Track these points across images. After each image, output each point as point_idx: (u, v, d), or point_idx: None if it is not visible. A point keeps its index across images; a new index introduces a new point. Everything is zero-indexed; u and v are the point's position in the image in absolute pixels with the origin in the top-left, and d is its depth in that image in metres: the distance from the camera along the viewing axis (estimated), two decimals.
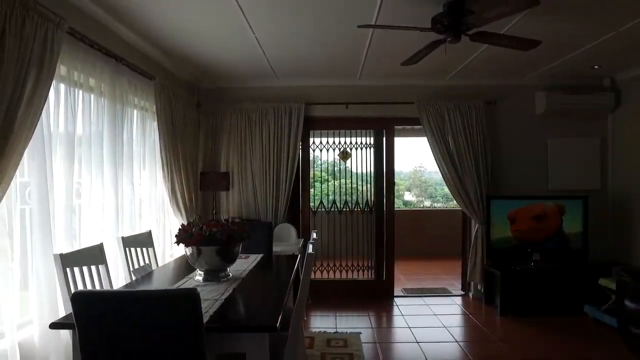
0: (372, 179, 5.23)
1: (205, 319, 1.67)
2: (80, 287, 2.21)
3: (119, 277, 2.90)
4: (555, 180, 4.87)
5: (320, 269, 5.21)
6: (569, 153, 4.86)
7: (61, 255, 2.13)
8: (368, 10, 2.85)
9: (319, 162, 5.34)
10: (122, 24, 3.05)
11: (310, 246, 2.30)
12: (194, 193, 4.46)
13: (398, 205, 9.48)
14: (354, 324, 4.08)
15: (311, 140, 5.09)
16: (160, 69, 3.89)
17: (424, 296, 5.03)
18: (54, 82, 2.28)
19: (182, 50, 3.72)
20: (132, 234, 3.05)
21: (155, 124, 3.72)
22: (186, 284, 2.42)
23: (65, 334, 2.18)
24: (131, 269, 2.83)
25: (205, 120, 4.81)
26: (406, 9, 2.80)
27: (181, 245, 2.38)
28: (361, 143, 5.19)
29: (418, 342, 3.61)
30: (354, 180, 5.30)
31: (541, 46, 2.89)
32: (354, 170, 5.29)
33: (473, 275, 4.77)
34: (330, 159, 5.26)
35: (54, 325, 1.69)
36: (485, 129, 4.68)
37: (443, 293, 5.17)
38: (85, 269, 2.34)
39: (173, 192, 3.98)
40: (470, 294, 4.95)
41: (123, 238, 2.83)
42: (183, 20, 3.06)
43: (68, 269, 2.17)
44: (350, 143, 5.20)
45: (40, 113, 2.15)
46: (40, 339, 2.22)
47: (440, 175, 4.90)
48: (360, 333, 3.79)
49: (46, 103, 2.20)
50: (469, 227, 4.96)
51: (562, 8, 2.82)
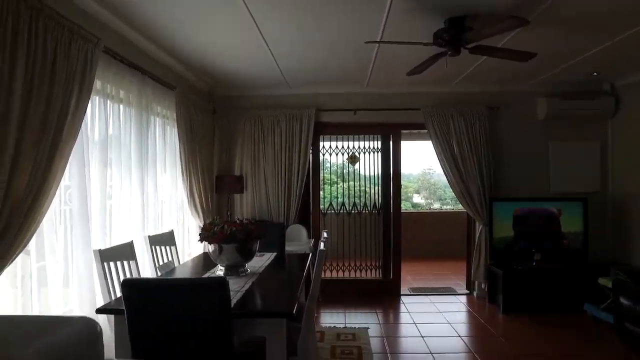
0: (380, 181, 5.44)
1: None
2: (115, 280, 2.46)
3: (145, 273, 3.14)
4: (557, 182, 5.04)
5: (329, 268, 5.43)
6: (570, 156, 5.02)
7: (100, 251, 2.38)
8: (374, 27, 3.07)
9: (329, 166, 5.57)
10: (149, 41, 3.33)
11: (322, 244, 2.53)
12: (210, 195, 4.71)
13: (407, 207, 9.70)
14: (362, 320, 4.29)
15: (321, 144, 5.33)
16: (180, 79, 4.15)
17: (429, 295, 5.22)
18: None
19: (202, 62, 3.99)
20: (157, 233, 3.30)
21: (175, 130, 3.98)
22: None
23: (104, 322, 2.43)
24: (156, 265, 3.08)
25: (220, 126, 5.07)
26: (410, 24, 3.02)
27: (198, 244, 2.63)
28: (369, 147, 5.41)
29: (423, 337, 3.81)
30: (362, 183, 5.52)
31: (540, 55, 3.10)
32: (362, 173, 5.51)
33: (477, 275, 4.96)
34: (340, 163, 5.49)
35: (100, 311, 1.94)
36: (488, 134, 4.87)
37: (448, 292, 5.36)
38: (118, 263, 2.59)
39: (191, 195, 4.23)
40: (475, 293, 5.14)
41: (149, 237, 3.09)
42: (205, 37, 3.32)
43: (105, 264, 2.42)
44: (359, 147, 5.43)
45: (81, 122, 2.41)
46: None
47: None
48: (368, 328, 4.01)
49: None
50: (473, 229, 5.15)
51: (556, 22, 3.01)
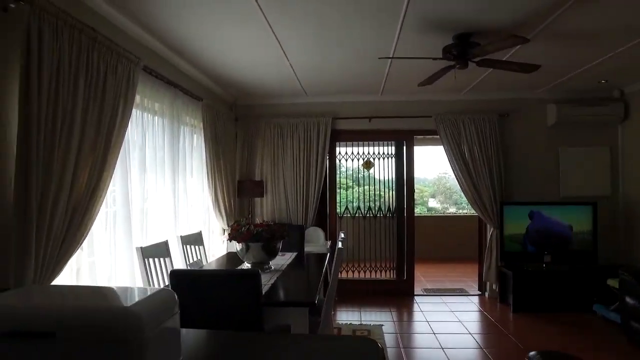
0: (394, 186, 5.66)
1: None
2: (154, 275, 2.75)
3: None
4: (567, 187, 5.19)
5: (345, 269, 5.66)
6: (580, 161, 5.17)
7: (141, 248, 2.67)
8: (388, 43, 3.32)
9: (345, 171, 5.81)
10: (181, 58, 3.64)
11: (340, 242, 2.77)
12: (233, 199, 5.00)
13: (422, 211, 9.86)
14: (377, 318, 4.51)
15: (337, 150, 5.58)
16: (206, 91, 4.46)
17: (442, 295, 5.40)
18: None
19: (226, 75, 4.29)
20: (187, 234, 3.59)
21: (201, 138, 4.28)
22: None
23: None
24: (187, 262, 3.36)
25: (242, 134, 5.36)
26: (420, 40, 3.25)
27: (221, 246, 2.89)
28: (383, 153, 5.64)
29: (435, 333, 4.01)
30: (377, 187, 5.74)
31: (546, 66, 3.30)
32: (376, 178, 5.74)
33: (488, 276, 5.13)
34: (355, 168, 5.72)
35: None
36: (498, 140, 5.05)
37: (461, 293, 5.54)
38: (156, 260, 2.88)
39: (216, 198, 4.52)
40: (486, 294, 5.30)
41: (181, 237, 3.37)
42: (231, 54, 3.62)
43: (145, 259, 2.70)
44: (373, 153, 5.66)
45: (125, 132, 2.70)
46: None
47: None
48: (382, 325, 4.23)
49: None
50: (484, 231, 5.32)
51: (558, 37, 3.22)
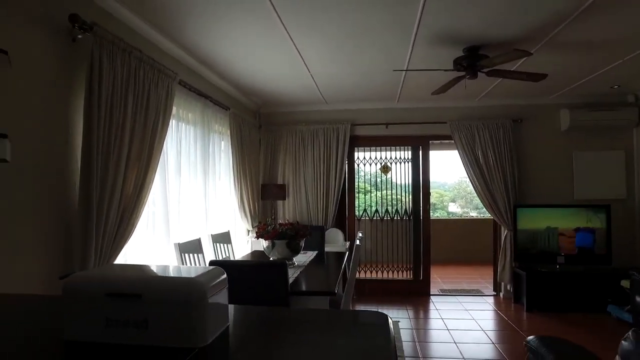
0: (410, 189, 5.87)
1: None
2: None
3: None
4: (581, 190, 5.31)
5: (364, 269, 5.89)
6: (594, 165, 5.28)
7: (179, 244, 2.98)
8: (402, 55, 3.58)
9: (363, 175, 6.05)
10: (211, 72, 3.98)
11: (358, 240, 3.02)
12: (257, 202, 5.30)
13: (442, 215, 10.01)
14: (394, 315, 4.72)
15: (356, 155, 5.84)
16: (233, 101, 4.79)
17: (458, 295, 5.58)
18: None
19: (252, 86, 4.61)
20: (217, 233, 3.89)
21: (228, 144, 4.60)
22: None
23: None
24: (217, 259, 3.66)
25: (266, 140, 5.67)
26: (433, 52, 3.49)
27: (246, 245, 3.16)
28: (400, 157, 5.87)
29: (449, 330, 4.21)
30: (394, 190, 5.97)
31: (558, 72, 3.48)
32: (393, 181, 5.96)
33: (502, 276, 5.29)
34: (373, 172, 5.96)
35: None
36: (512, 144, 5.22)
37: (476, 293, 5.70)
38: (190, 255, 3.18)
39: (241, 201, 4.83)
40: (501, 294, 5.45)
41: (212, 235, 3.68)
42: (257, 67, 3.93)
43: (182, 254, 3.01)
44: (391, 158, 5.89)
45: (164, 140, 3.02)
46: None
47: None
48: (398, 321, 4.44)
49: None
50: (499, 233, 5.48)
51: (564, 47, 3.41)
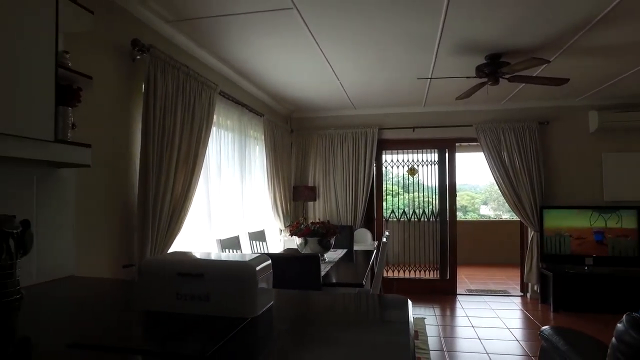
0: (437, 191, 6.01)
1: None
2: None
3: None
4: (611, 191, 5.31)
5: (392, 269, 6.07)
6: (624, 166, 5.27)
7: (221, 240, 3.28)
8: (426, 64, 3.77)
9: (390, 177, 6.24)
10: (247, 81, 4.29)
11: (385, 238, 3.24)
12: (289, 202, 5.58)
13: (473, 217, 10.03)
14: (420, 312, 4.89)
15: (383, 158, 6.03)
16: (267, 107, 5.10)
17: (484, 295, 5.68)
18: None
19: (284, 93, 4.90)
20: (253, 231, 4.19)
21: (263, 148, 4.90)
22: None
23: None
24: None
25: (297, 144, 5.96)
26: (456, 60, 3.67)
27: (278, 244, 3.42)
28: (426, 160, 6.02)
29: (474, 327, 4.34)
30: (421, 192, 6.12)
31: (583, 76, 3.57)
32: (420, 183, 6.12)
33: (529, 277, 5.36)
34: (400, 174, 6.14)
35: None
36: (538, 146, 5.29)
37: (503, 294, 5.77)
38: (230, 250, 3.48)
39: (274, 202, 5.12)
40: (528, 295, 5.52)
41: (249, 233, 3.98)
42: (289, 76, 4.21)
43: (223, 250, 3.31)
44: (417, 160, 6.06)
45: (207, 146, 3.34)
46: None
47: None
48: (424, 318, 4.61)
49: None
50: (525, 234, 5.55)
51: (589, 51, 3.50)
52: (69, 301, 1.74)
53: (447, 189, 5.84)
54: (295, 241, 3.48)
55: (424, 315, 4.76)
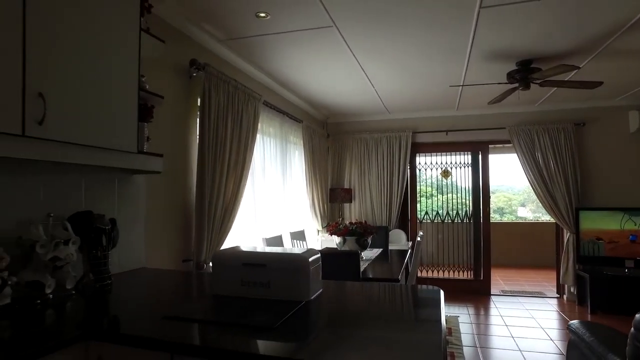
0: (470, 192, 6.11)
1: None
2: None
3: None
4: None
5: (426, 269, 6.21)
6: None
7: (266, 239, 3.57)
8: (458, 70, 3.93)
9: (424, 179, 6.38)
10: (288, 91, 4.59)
11: (419, 237, 3.43)
12: (326, 204, 5.84)
13: (510, 219, 9.96)
14: (454, 311, 5.02)
15: (417, 160, 6.19)
16: (305, 114, 5.38)
17: (519, 296, 5.72)
18: None
19: (321, 100, 5.17)
20: (294, 231, 4.47)
21: (301, 153, 5.18)
22: None
23: None
24: None
25: (333, 148, 6.21)
26: (487, 67, 3.81)
27: (315, 243, 3.65)
28: (460, 162, 6.13)
29: (507, 326, 4.44)
30: (454, 194, 6.23)
31: (619, 77, 3.62)
32: (454, 185, 6.23)
33: (565, 278, 5.37)
34: (434, 176, 6.27)
35: None
36: (574, 148, 5.29)
37: (538, 295, 5.79)
38: (274, 248, 3.76)
39: (312, 203, 5.39)
40: (565, 297, 5.52)
41: (291, 232, 4.26)
42: (326, 85, 4.47)
43: (268, 248, 3.59)
44: (451, 162, 6.17)
45: (253, 152, 3.64)
46: None
47: None
48: (458, 316, 4.74)
49: None
50: (561, 236, 5.56)
51: (623, 53, 3.56)
52: (148, 286, 2.05)
53: (481, 190, 5.92)
54: (334, 240, 3.72)
55: (457, 313, 4.88)
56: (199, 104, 3.00)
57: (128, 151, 1.90)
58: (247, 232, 3.74)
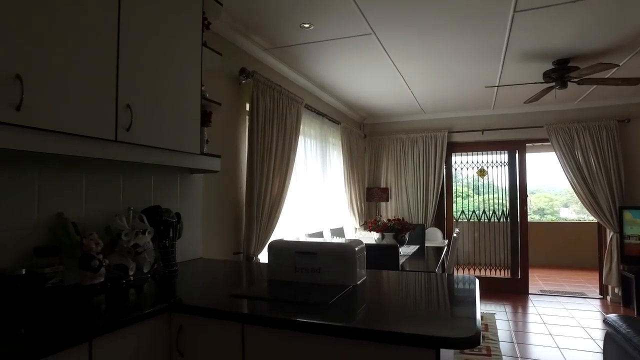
0: (507, 191, 6.10)
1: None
2: None
3: None
4: None
5: (462, 267, 6.25)
6: None
7: (308, 234, 3.79)
8: (493, 71, 4.00)
9: (460, 178, 6.42)
10: (327, 94, 4.80)
11: (455, 234, 3.54)
12: (363, 203, 6.01)
13: (551, 220, 9.77)
14: (491, 309, 5.06)
15: (453, 160, 6.25)
16: (343, 116, 5.57)
17: (558, 296, 5.67)
18: None
19: (359, 102, 5.34)
20: (334, 228, 4.67)
21: (340, 153, 5.37)
22: None
23: None
24: None
25: (370, 148, 6.37)
26: (522, 67, 3.86)
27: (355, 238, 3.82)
28: (496, 161, 6.13)
29: (545, 324, 4.45)
30: (491, 193, 6.24)
31: None
32: (490, 184, 6.24)
33: (608, 279, 5.29)
34: (470, 176, 6.31)
35: None
36: (617, 145, 5.20)
37: (579, 295, 5.72)
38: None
39: (350, 202, 5.57)
40: (608, 298, 5.42)
41: (331, 229, 4.46)
42: (363, 87, 4.64)
43: None
44: (487, 162, 6.19)
45: (296, 153, 3.86)
46: None
47: None
48: (494, 314, 4.79)
49: None
50: (603, 236, 5.48)
51: None
52: (210, 273, 2.30)
53: (518, 189, 5.91)
54: (373, 236, 3.89)
55: (494, 311, 4.93)
56: (247, 109, 3.26)
57: (194, 153, 2.16)
58: (291, 228, 3.97)
